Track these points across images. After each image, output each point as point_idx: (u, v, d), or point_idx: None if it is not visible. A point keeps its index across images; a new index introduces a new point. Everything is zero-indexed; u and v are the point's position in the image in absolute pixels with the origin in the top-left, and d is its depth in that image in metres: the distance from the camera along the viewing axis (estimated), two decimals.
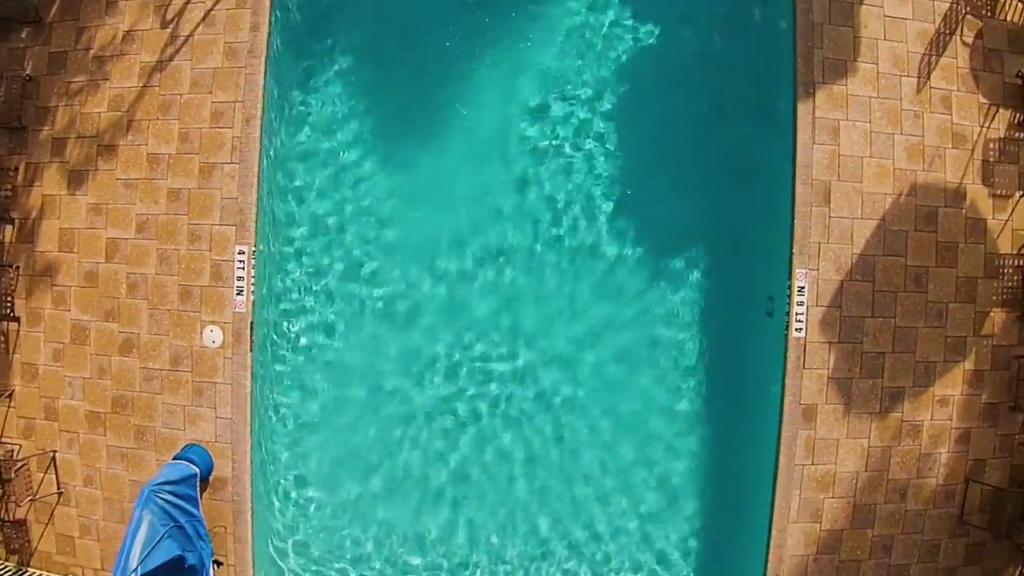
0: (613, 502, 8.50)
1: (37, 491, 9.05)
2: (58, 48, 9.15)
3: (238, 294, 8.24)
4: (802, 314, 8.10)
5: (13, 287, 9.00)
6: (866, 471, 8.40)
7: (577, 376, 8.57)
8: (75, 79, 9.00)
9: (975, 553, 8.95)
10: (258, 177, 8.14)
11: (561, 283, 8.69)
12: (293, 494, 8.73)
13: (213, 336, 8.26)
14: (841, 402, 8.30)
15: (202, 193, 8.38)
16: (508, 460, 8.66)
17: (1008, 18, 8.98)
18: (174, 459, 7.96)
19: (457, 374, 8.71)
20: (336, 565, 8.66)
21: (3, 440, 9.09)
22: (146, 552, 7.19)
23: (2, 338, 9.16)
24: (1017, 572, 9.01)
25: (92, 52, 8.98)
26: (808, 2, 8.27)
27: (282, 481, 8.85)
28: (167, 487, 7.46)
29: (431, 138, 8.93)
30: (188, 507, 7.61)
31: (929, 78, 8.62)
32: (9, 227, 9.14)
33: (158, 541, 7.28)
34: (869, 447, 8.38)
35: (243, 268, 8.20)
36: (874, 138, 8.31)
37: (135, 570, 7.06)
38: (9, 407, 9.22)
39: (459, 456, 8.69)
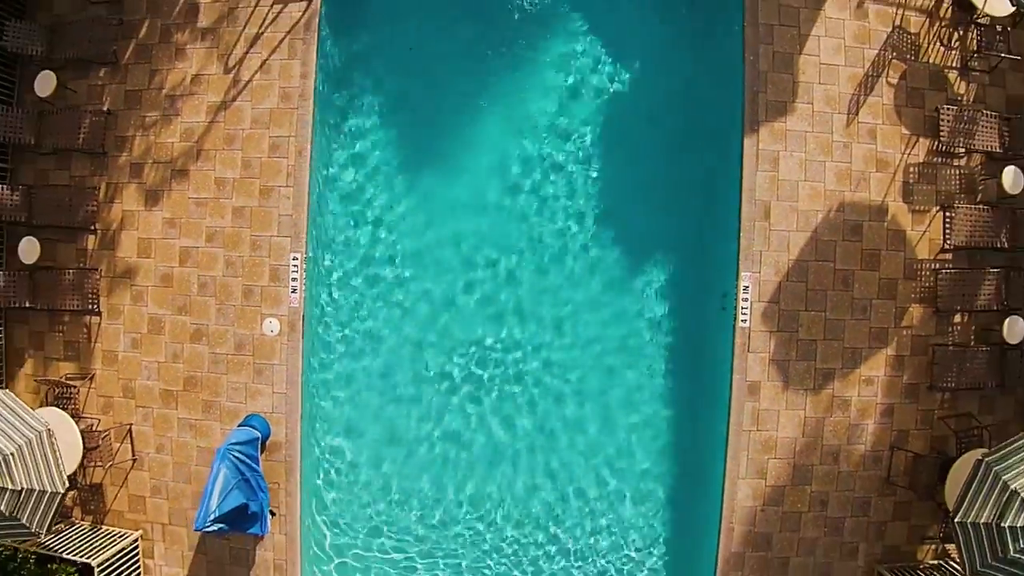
0: (598, 458, 10.61)
1: (115, 458, 11.07)
2: (133, 87, 11.19)
3: (292, 292, 10.29)
4: (747, 308, 10.15)
5: (96, 286, 11.03)
6: (803, 437, 10.43)
7: (566, 354, 10.72)
8: (149, 114, 11.04)
9: (902, 510, 10.94)
10: (308, 198, 10.21)
11: (553, 280, 10.82)
12: (332, 458, 10.81)
13: (272, 326, 10.31)
14: (780, 380, 10.34)
15: (262, 210, 10.44)
16: (512, 401, 10.82)
17: (930, 60, 11.02)
18: (239, 426, 9.99)
19: (466, 344, 10.85)
20: (366, 511, 10.79)
21: (83, 415, 11.10)
22: (222, 498, 9.21)
23: (85, 330, 11.20)
24: (940, 528, 11.01)
25: (164, 91, 11.02)
26: (755, 54, 10.32)
27: (324, 446, 10.91)
28: (237, 447, 9.49)
29: (447, 161, 11.00)
30: (252, 464, 9.62)
31: (857, 114, 10.65)
32: (92, 236, 11.17)
33: (230, 490, 9.30)
34: (805, 417, 10.42)
35: (296, 271, 10.26)
36: (808, 165, 10.35)
37: (214, 511, 9.08)
38: (90, 388, 11.23)
39: (477, 411, 10.87)
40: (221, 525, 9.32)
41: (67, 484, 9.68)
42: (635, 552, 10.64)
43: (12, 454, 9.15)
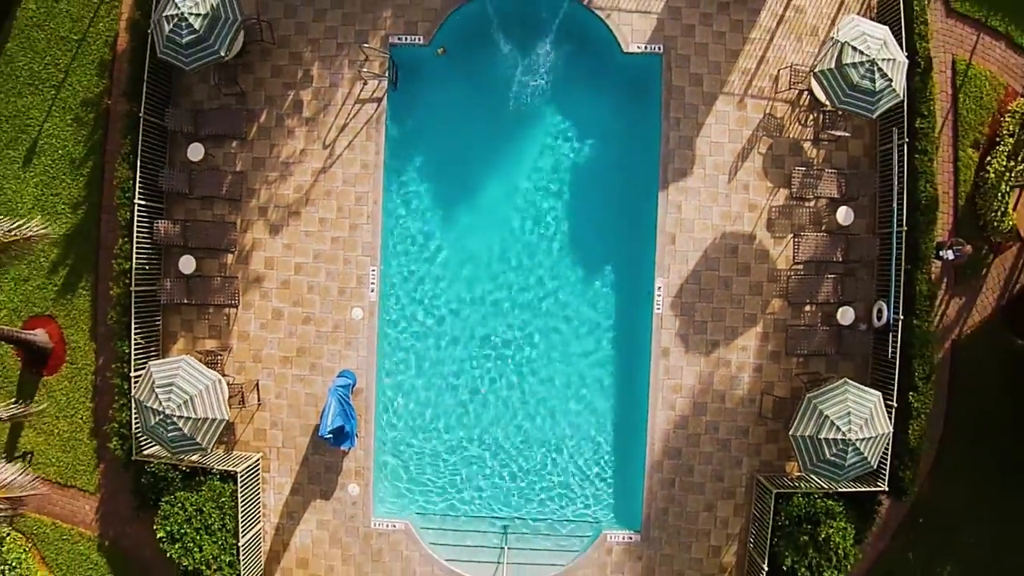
0: (564, 399, 17.18)
1: (246, 403, 17.50)
2: (258, 155, 17.66)
3: (371, 291, 16.78)
4: (660, 301, 16.61)
5: (236, 288, 17.47)
6: (699, 384, 16.88)
7: (542, 329, 17.30)
8: (271, 174, 17.52)
9: (772, 436, 17.36)
10: (382, 230, 16.74)
11: (537, 275, 17.39)
12: (393, 397, 17.39)
13: (357, 313, 16.78)
14: (683, 346, 16.79)
15: (350, 239, 16.92)
16: (509, 364, 17.44)
17: (791, 136, 17.48)
18: (338, 376, 16.45)
19: (487, 318, 17.43)
20: (420, 435, 17.34)
21: (226, 375, 17.52)
22: (332, 419, 15.65)
23: (226, 318, 17.64)
24: None
25: (280, 159, 17.50)
26: (667, 136, 16.81)
27: (388, 391, 17.42)
28: (340, 386, 15.94)
29: (469, 203, 17.53)
30: (347, 399, 16.08)
31: (736, 174, 17.10)
32: (231, 255, 17.59)
33: (335, 415, 15.74)
34: (700, 371, 16.87)
35: (374, 278, 16.74)
36: (701, 209, 16.82)
37: (328, 425, 15.53)
38: (229, 356, 17.70)
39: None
40: (330, 436, 15.78)
41: (229, 415, 16.16)
42: (589, 460, 17.21)
43: (195, 395, 15.56)
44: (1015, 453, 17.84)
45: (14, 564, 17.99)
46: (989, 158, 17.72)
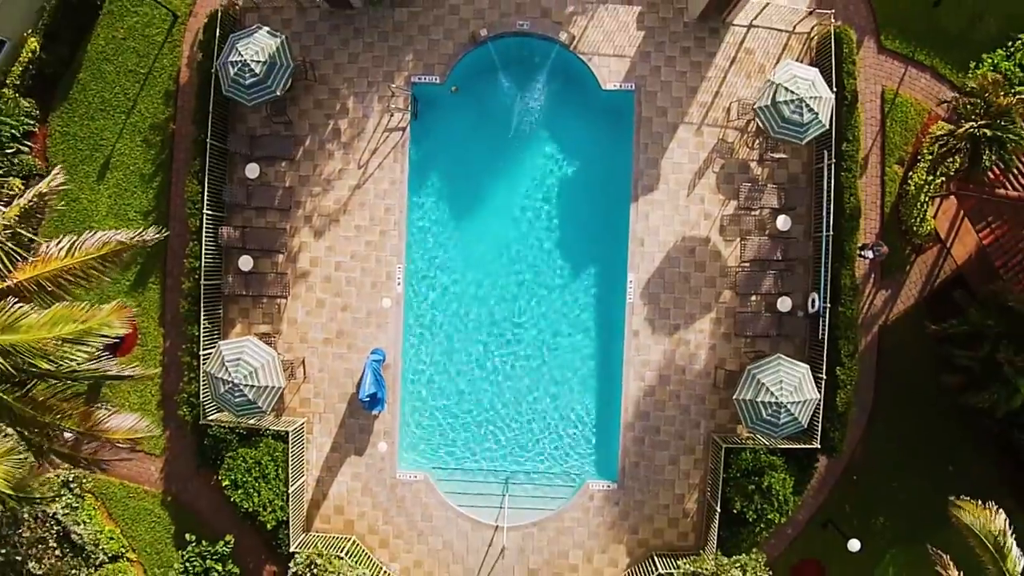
0: (556, 372, 21.60)
1: (294, 375, 21.98)
2: (304, 173, 22.10)
3: (397, 284, 21.20)
4: (632, 292, 21.02)
5: (287, 282, 21.94)
6: (664, 359, 21.29)
7: (542, 313, 21.68)
8: (314, 189, 21.97)
9: (725, 403, 21.69)
10: (407, 235, 21.18)
11: (534, 271, 21.74)
12: (417, 368, 21.83)
13: (386, 303, 21.18)
14: (650, 328, 21.17)
15: (381, 241, 21.30)
16: (514, 346, 21.83)
17: (739, 157, 21.87)
18: (371, 352, 20.92)
19: (492, 307, 21.71)
20: (437, 402, 21.73)
21: (278, 353, 21.99)
22: (367, 387, 20.11)
23: (277, 307, 22.11)
24: None
25: (323, 176, 21.93)
26: (638, 158, 21.21)
27: (413, 366, 21.87)
28: (373, 360, 20.41)
29: (481, 207, 21.93)
30: (379, 371, 20.55)
31: (694, 188, 21.52)
32: (282, 255, 22.09)
33: (370, 383, 20.20)
34: (665, 349, 21.27)
35: (400, 273, 21.19)
36: (665, 218, 21.19)
37: (366, 391, 19.98)
38: (279, 338, 22.15)
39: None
40: (366, 401, 20.24)
41: (284, 384, 20.62)
42: (574, 422, 21.69)
43: (258, 368, 19.96)
44: (937, 419, 22.00)
45: (86, 520, 22.17)
46: (911, 173, 22.00)
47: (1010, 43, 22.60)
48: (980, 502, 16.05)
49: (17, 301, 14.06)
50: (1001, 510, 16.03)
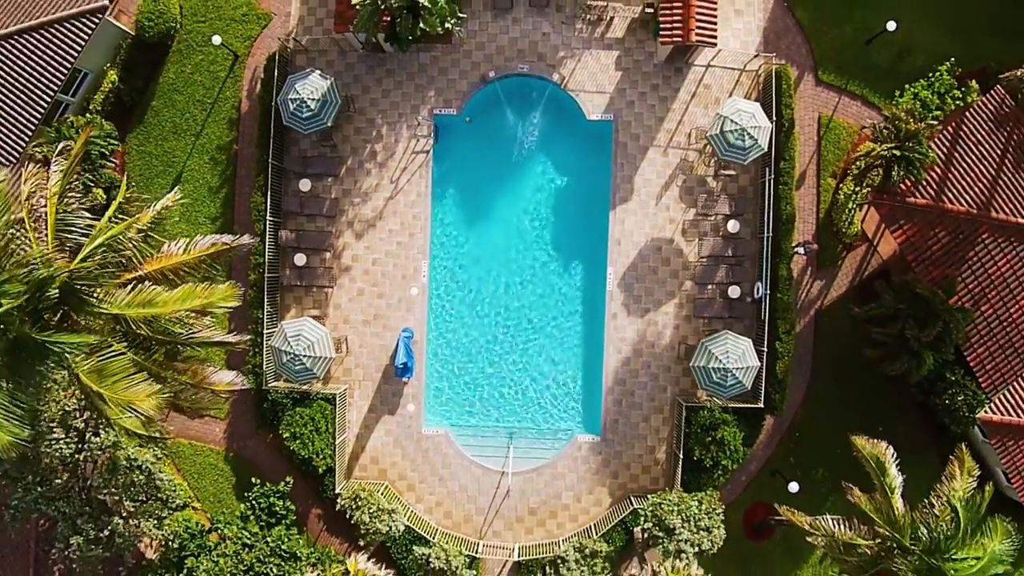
0: (552, 347, 27.43)
1: (340, 351, 27.89)
2: (347, 187, 27.93)
3: (424, 276, 26.96)
4: (611, 281, 26.60)
5: (334, 275, 27.81)
6: (637, 336, 27.02)
7: (540, 299, 27.53)
8: (355, 199, 27.79)
9: (686, 372, 27.17)
10: (431, 237, 26.96)
11: (533, 265, 27.64)
12: (440, 344, 27.69)
13: (414, 291, 26.97)
14: (626, 311, 26.84)
15: (409, 242, 26.90)
16: (518, 330, 27.61)
17: (698, 173, 27.72)
18: (402, 330, 26.79)
19: (505, 293, 27.48)
20: (456, 370, 27.45)
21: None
22: (399, 357, 26.00)
23: (325, 296, 28.01)
24: None
25: (362, 189, 27.71)
26: (615, 175, 27.05)
27: (436, 342, 27.73)
28: (404, 336, 26.26)
29: (490, 214, 27.78)
30: (409, 345, 26.43)
31: (661, 198, 27.39)
32: (329, 253, 27.94)
33: (403, 353, 26.09)
34: (638, 328, 26.98)
35: (425, 268, 26.89)
36: (638, 222, 26.79)
37: (398, 361, 25.84)
38: (327, 320, 28.04)
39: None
40: (399, 368, 26.13)
41: (334, 353, 26.52)
42: (566, 387, 27.52)
43: (315, 342, 25.67)
44: (868, 387, 27.25)
45: (165, 476, 27.52)
46: (841, 185, 27.70)
47: (931, 74, 27.98)
48: (874, 440, 21.52)
49: (152, 285, 19.87)
50: (887, 444, 21.64)
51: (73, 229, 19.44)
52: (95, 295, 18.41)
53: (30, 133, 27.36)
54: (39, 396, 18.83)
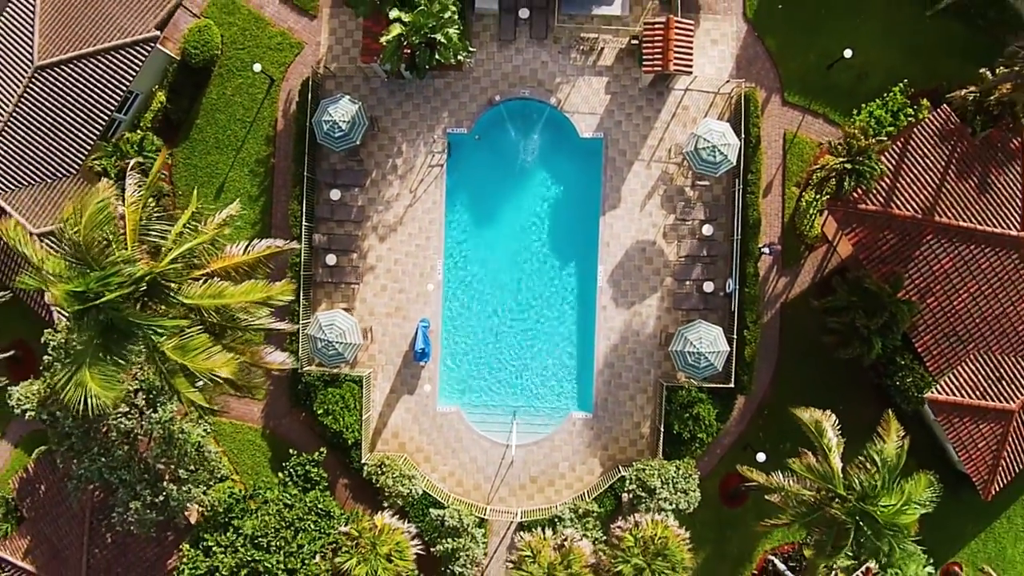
0: (551, 335, 32.13)
1: (366, 339, 32.65)
2: (371, 197, 32.54)
3: (438, 274, 31.47)
4: (601, 277, 31.05)
5: (361, 272, 32.57)
6: (624, 326, 31.55)
7: (540, 288, 32.09)
8: (379, 207, 32.39)
9: (667, 356, 32.28)
10: (445, 238, 31.68)
11: (534, 264, 32.41)
12: (454, 331, 32.41)
13: (430, 287, 31.70)
14: (615, 304, 31.27)
15: (426, 244, 31.26)
16: (523, 318, 32.43)
17: (677, 183, 32.46)
18: (420, 320, 31.48)
19: (509, 288, 32.31)
20: (466, 355, 32.15)
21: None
22: (417, 343, 30.72)
23: (352, 291, 32.74)
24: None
25: (385, 198, 32.35)
26: (605, 185, 31.78)
27: (450, 331, 32.47)
28: (422, 325, 30.94)
29: (496, 219, 32.59)
30: (426, 333, 31.13)
31: (645, 206, 32.06)
32: (356, 254, 32.67)
33: (421, 339, 30.83)
34: (624, 319, 31.52)
35: (440, 266, 31.53)
36: (624, 227, 31.31)
37: (419, 345, 30.57)
38: (354, 312, 32.83)
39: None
40: (418, 352, 30.84)
41: (363, 341, 31.28)
42: (563, 369, 32.10)
43: (346, 330, 30.35)
44: (829, 370, 31.41)
45: (212, 449, 31.90)
46: (803, 193, 32.43)
47: (886, 95, 32.58)
48: (812, 408, 26.20)
49: (218, 280, 24.58)
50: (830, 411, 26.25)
51: (151, 233, 23.99)
52: (175, 288, 23.05)
53: (89, 148, 31.61)
54: (123, 370, 23.46)
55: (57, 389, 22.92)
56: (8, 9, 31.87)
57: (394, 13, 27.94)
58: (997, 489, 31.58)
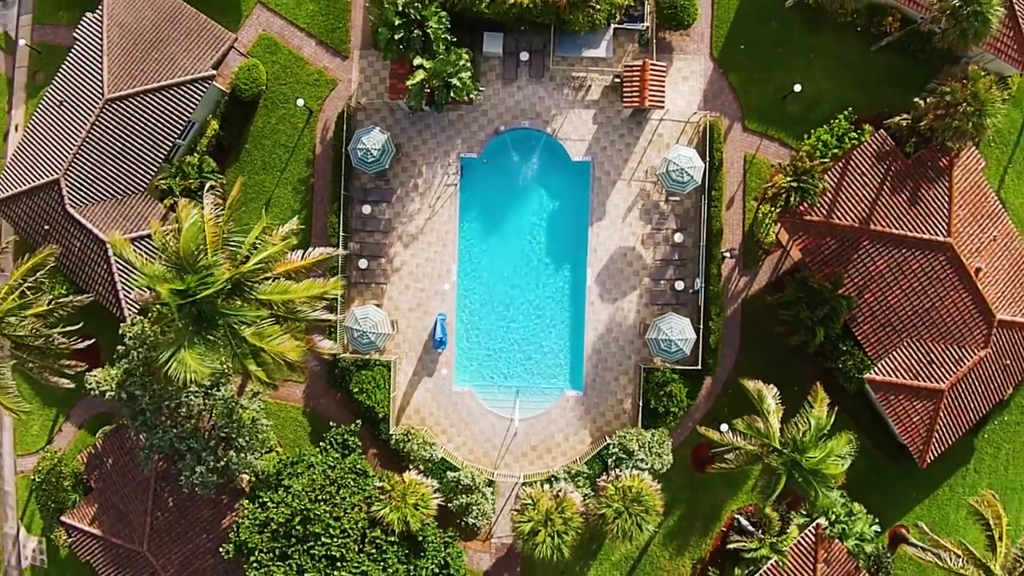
0: (548, 326, 39.18)
1: (391, 331, 39.86)
2: (396, 211, 39.24)
3: (453, 275, 38.30)
4: (589, 278, 37.71)
5: (387, 274, 39.68)
6: (608, 319, 37.93)
7: (539, 287, 39.18)
8: (404, 219, 39.17)
9: (645, 344, 39.58)
10: (459, 246, 38.57)
11: (534, 266, 39.53)
12: (468, 322, 39.40)
13: (446, 286, 38.69)
14: (601, 299, 37.74)
15: (443, 250, 37.71)
16: (529, 312, 39.56)
17: (653, 198, 39.56)
18: (438, 314, 38.50)
19: (514, 287, 39.55)
20: (478, 343, 39.04)
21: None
22: (435, 333, 37.82)
23: (382, 288, 39.90)
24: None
25: (408, 213, 39.57)
26: (592, 201, 38.94)
27: (464, 321, 39.53)
28: (440, 318, 37.95)
29: (503, 229, 39.68)
30: (444, 325, 38.14)
31: (626, 218, 39.10)
32: (384, 259, 39.74)
33: (439, 330, 37.96)
34: (609, 313, 38.15)
35: (455, 268, 38.44)
36: (609, 236, 37.99)
37: (437, 335, 37.72)
38: (383, 308, 40.11)
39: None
40: (436, 341, 37.91)
41: (391, 331, 38.50)
42: (558, 355, 38.77)
43: (379, 322, 37.22)
44: (784, 356, 37.71)
45: (264, 422, 38.66)
46: (760, 206, 39.55)
47: (832, 121, 39.50)
48: (755, 380, 33.42)
49: (284, 280, 31.74)
50: (773, 386, 33.43)
51: (230, 243, 31.11)
52: (252, 287, 30.25)
53: (155, 169, 38.38)
54: (213, 350, 30.52)
55: (159, 367, 29.64)
56: (76, 47, 37.19)
57: (417, 60, 34.95)
58: (931, 458, 36.85)
